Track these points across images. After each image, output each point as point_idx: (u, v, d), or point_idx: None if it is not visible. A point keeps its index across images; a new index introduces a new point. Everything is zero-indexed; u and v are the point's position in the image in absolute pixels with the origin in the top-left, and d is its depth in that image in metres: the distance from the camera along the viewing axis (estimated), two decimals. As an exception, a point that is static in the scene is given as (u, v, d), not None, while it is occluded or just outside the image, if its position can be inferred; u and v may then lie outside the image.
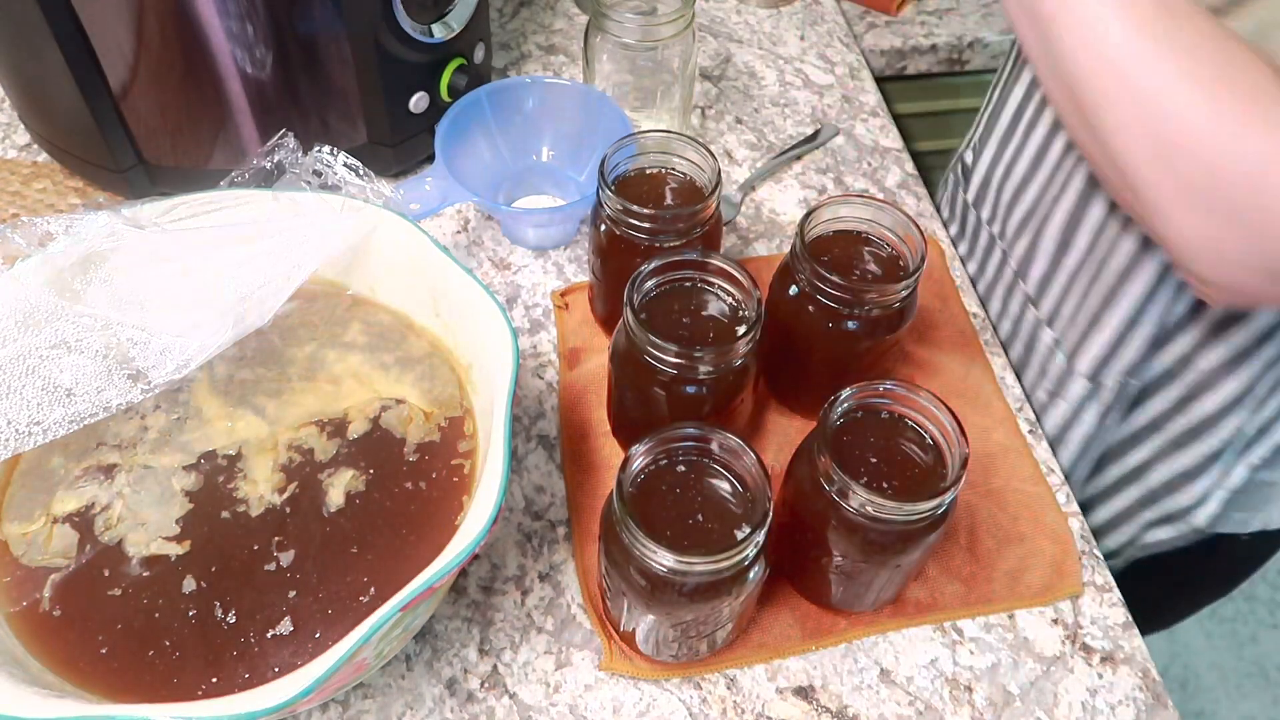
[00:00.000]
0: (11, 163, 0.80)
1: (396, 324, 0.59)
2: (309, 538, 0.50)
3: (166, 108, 0.70)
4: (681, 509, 0.48)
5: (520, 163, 0.79)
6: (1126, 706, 0.56)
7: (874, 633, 0.57)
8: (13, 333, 0.50)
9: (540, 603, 0.58)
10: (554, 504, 0.62)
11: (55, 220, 0.52)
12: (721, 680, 0.56)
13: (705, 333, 0.56)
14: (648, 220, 0.59)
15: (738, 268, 0.56)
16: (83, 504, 0.51)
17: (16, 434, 0.48)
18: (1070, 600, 0.60)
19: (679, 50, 0.77)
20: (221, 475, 0.52)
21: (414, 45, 0.71)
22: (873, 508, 0.47)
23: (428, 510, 0.51)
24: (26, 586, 0.48)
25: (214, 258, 0.54)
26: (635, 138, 0.63)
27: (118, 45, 0.66)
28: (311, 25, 0.67)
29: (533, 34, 0.96)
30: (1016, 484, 0.64)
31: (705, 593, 0.46)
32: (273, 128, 0.70)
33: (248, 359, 0.57)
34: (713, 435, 0.48)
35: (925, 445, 0.51)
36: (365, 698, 0.54)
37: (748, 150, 0.86)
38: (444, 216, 0.79)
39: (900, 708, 0.55)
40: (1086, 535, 0.63)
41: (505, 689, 0.55)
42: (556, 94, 0.77)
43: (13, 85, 0.74)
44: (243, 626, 0.47)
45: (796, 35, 0.99)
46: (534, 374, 0.69)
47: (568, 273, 0.75)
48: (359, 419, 0.55)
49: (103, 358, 0.50)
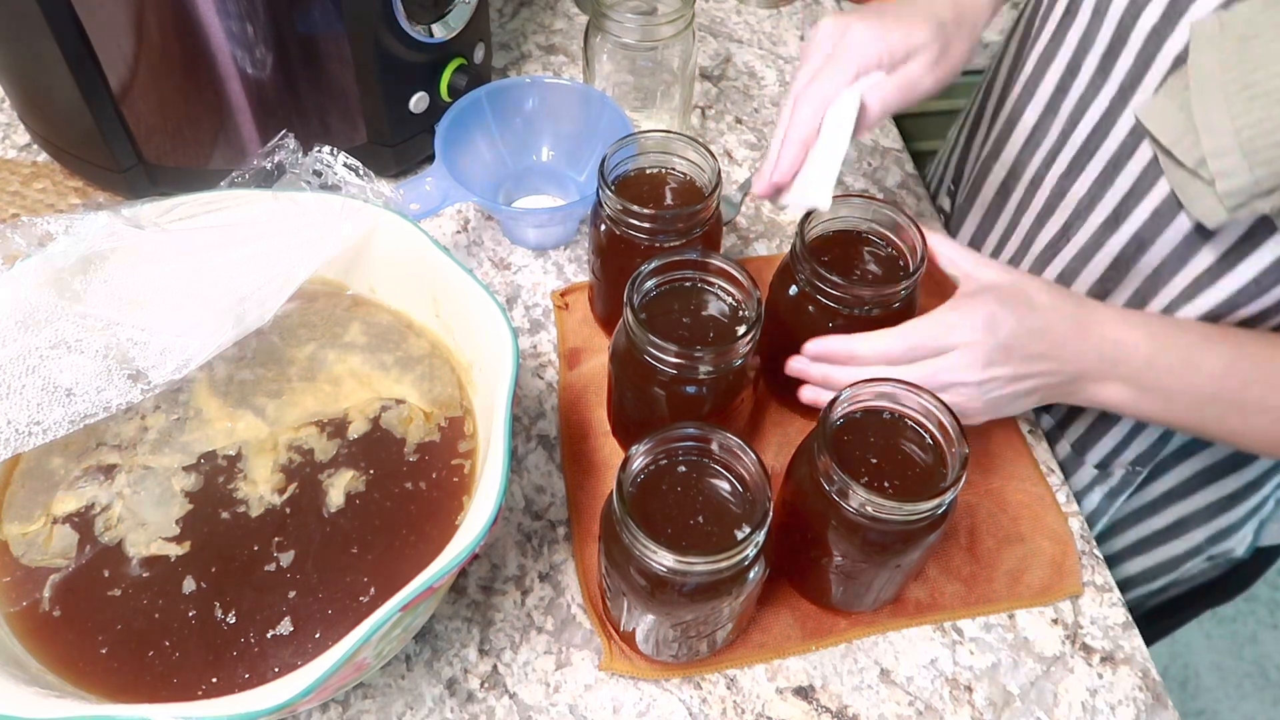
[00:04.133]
0: (11, 163, 0.80)
1: (396, 324, 0.59)
2: (309, 538, 0.50)
3: (166, 108, 0.70)
4: (681, 509, 0.48)
5: (520, 163, 0.79)
6: (1126, 706, 0.56)
7: (874, 633, 0.57)
8: (13, 333, 0.50)
9: (540, 603, 0.58)
10: (554, 504, 0.62)
11: (55, 220, 0.52)
12: (721, 680, 0.56)
13: (705, 333, 0.56)
14: (648, 220, 0.59)
15: (738, 268, 0.56)
16: (83, 504, 0.51)
17: (16, 434, 0.48)
18: (1070, 600, 0.60)
19: (679, 50, 0.77)
20: (221, 476, 0.52)
21: (414, 45, 0.71)
22: (873, 508, 0.47)
23: (428, 510, 0.51)
24: (26, 586, 0.48)
25: (214, 258, 0.54)
26: (635, 138, 0.63)
27: (118, 45, 0.66)
28: (311, 25, 0.67)
29: (533, 34, 0.96)
30: (1016, 484, 0.64)
31: (705, 593, 0.46)
32: (273, 128, 0.70)
33: (248, 359, 0.57)
34: (713, 435, 0.48)
35: (925, 445, 0.51)
36: (365, 698, 0.54)
37: (748, 150, 0.86)
38: (444, 216, 0.79)
39: (900, 708, 0.55)
40: (1086, 535, 0.63)
41: (505, 689, 0.55)
42: (556, 94, 0.77)
43: (13, 85, 0.74)
44: (243, 627, 0.47)
45: (796, 35, 0.99)
46: (534, 374, 0.69)
47: (568, 273, 0.75)
48: (359, 419, 0.55)
49: (103, 358, 0.50)
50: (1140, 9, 0.56)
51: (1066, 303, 0.57)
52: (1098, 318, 0.56)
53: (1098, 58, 0.60)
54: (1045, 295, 0.57)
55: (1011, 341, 0.54)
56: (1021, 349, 0.54)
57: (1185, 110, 0.51)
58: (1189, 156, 0.52)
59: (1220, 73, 0.49)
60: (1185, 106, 0.52)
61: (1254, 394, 0.55)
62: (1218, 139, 0.50)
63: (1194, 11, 0.52)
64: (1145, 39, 0.56)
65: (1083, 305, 0.57)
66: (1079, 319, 0.56)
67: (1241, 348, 0.56)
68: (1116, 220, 0.61)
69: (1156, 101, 0.54)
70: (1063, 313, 0.56)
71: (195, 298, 0.53)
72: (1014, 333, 0.54)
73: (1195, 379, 0.56)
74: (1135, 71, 0.57)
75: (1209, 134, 0.50)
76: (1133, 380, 0.56)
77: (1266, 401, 0.55)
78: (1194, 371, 0.56)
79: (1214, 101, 0.50)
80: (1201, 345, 0.56)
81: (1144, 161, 0.58)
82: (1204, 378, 0.56)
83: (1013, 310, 0.55)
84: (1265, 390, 0.55)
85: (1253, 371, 0.55)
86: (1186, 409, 0.57)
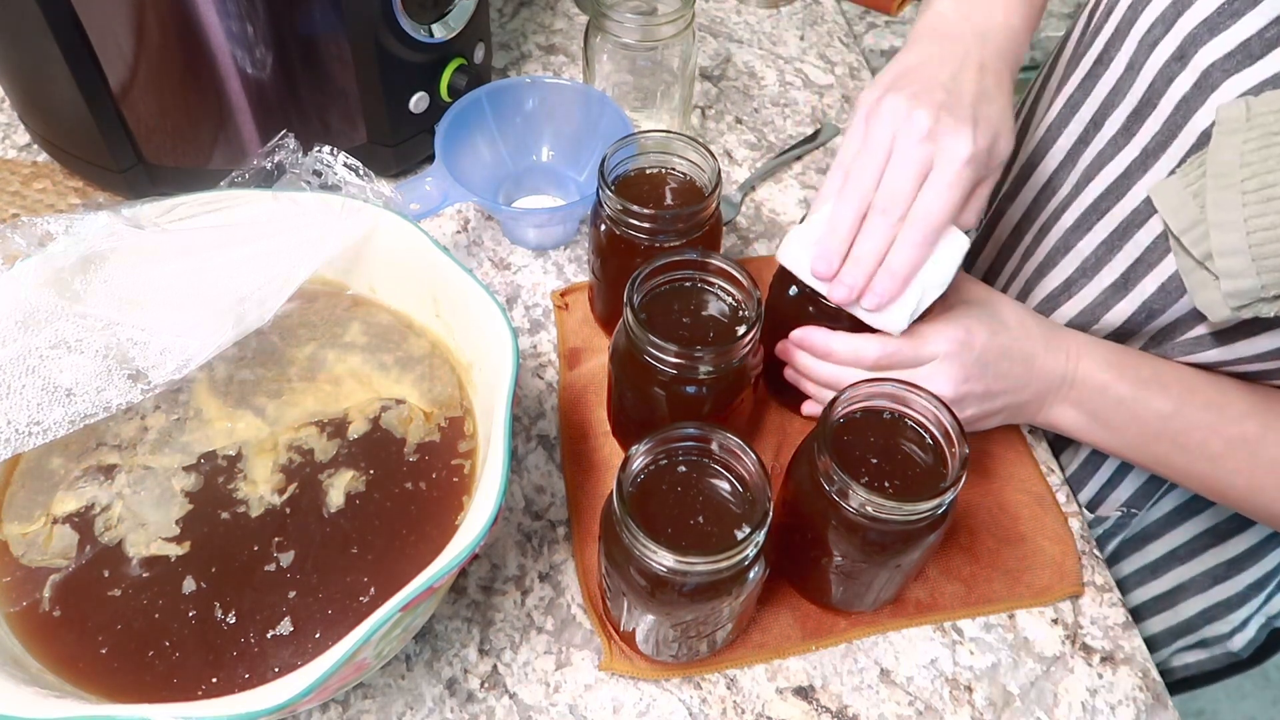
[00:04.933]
0: (11, 163, 0.80)
1: (396, 324, 0.59)
2: (309, 538, 0.50)
3: (166, 108, 0.70)
4: (681, 509, 0.48)
5: (520, 163, 0.79)
6: (1126, 706, 0.56)
7: (874, 633, 0.57)
8: (13, 333, 0.50)
9: (540, 603, 0.58)
10: (554, 504, 0.62)
11: (55, 220, 0.52)
12: (721, 680, 0.55)
13: (705, 333, 0.56)
14: (648, 220, 0.59)
15: (738, 268, 0.56)
16: (83, 504, 0.51)
17: (16, 434, 0.48)
18: (1070, 600, 0.60)
19: (679, 50, 0.77)
20: (221, 476, 0.52)
21: (414, 45, 0.71)
22: (873, 508, 0.47)
23: (428, 510, 0.51)
24: (26, 587, 0.48)
25: (214, 258, 0.54)
26: (635, 138, 0.63)
27: (118, 45, 0.66)
28: (311, 25, 0.67)
29: (533, 34, 0.96)
30: (1016, 484, 0.64)
31: (705, 593, 0.46)
32: (273, 128, 0.70)
33: (248, 359, 0.57)
34: (713, 435, 0.48)
35: (925, 445, 0.51)
36: (365, 698, 0.54)
37: (748, 150, 0.86)
38: (444, 216, 0.79)
39: (900, 708, 0.55)
40: (1086, 535, 0.63)
41: (505, 689, 0.55)
42: (556, 94, 0.77)
43: (13, 85, 0.74)
44: (243, 627, 0.47)
45: (796, 35, 0.99)
46: (534, 374, 0.69)
47: (568, 273, 0.75)
48: (359, 419, 0.55)
49: (103, 358, 0.50)
50: (1173, 76, 0.53)
51: (1035, 323, 0.58)
52: (1061, 342, 0.57)
53: (1124, 117, 0.58)
54: (1013, 315, 0.57)
55: (985, 357, 0.55)
56: (993, 366, 0.55)
57: (1199, 199, 0.49)
58: (1197, 248, 0.50)
59: (1240, 168, 0.47)
60: (1200, 195, 0.49)
61: (1195, 438, 0.55)
62: (1227, 237, 0.48)
63: (1228, 86, 0.50)
64: (1175, 107, 0.53)
65: (1048, 328, 0.58)
66: (1045, 339, 0.57)
67: (1194, 392, 0.56)
68: (1125, 285, 0.59)
69: (1171, 183, 0.52)
70: (1028, 333, 0.57)
71: (195, 298, 0.53)
72: (987, 348, 0.55)
73: (1143, 414, 0.56)
74: (1161, 138, 0.55)
75: (1219, 230, 0.48)
76: (1083, 406, 0.57)
77: (1207, 448, 0.55)
78: (1142, 406, 0.56)
79: (1229, 198, 0.48)
80: (1155, 382, 0.56)
81: (1155, 233, 0.56)
82: (1151, 414, 0.56)
83: (986, 326, 0.55)
84: (1206, 436, 0.55)
85: (1199, 416, 0.55)
86: (1133, 442, 0.57)
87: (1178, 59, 0.52)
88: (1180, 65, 0.52)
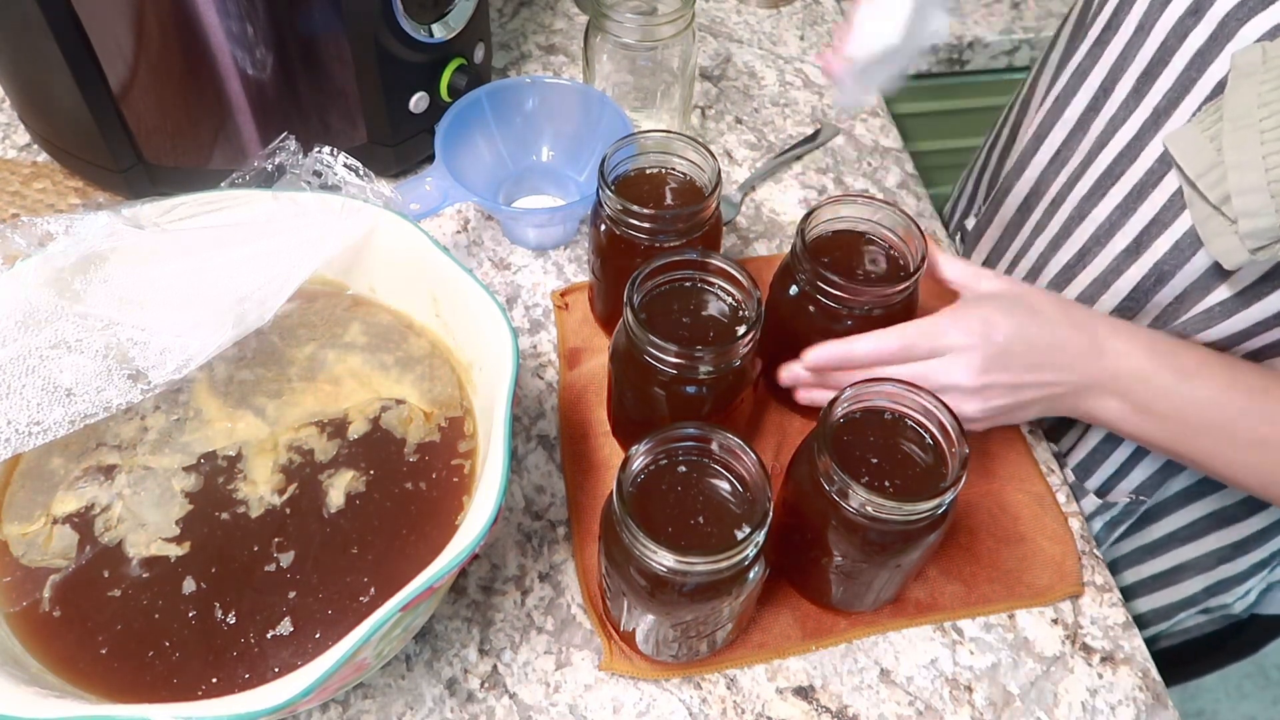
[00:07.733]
0: (11, 163, 0.80)
1: (396, 324, 0.59)
2: (309, 538, 0.50)
3: (166, 108, 0.70)
4: (681, 509, 0.48)
5: (520, 163, 0.79)
6: (1126, 706, 0.56)
7: (874, 633, 0.57)
8: (13, 333, 0.50)
9: (540, 603, 0.58)
10: (554, 504, 0.62)
11: (55, 220, 0.52)
12: (721, 680, 0.55)
13: (705, 333, 0.56)
14: (648, 220, 0.59)
15: (738, 268, 0.56)
16: (83, 504, 0.51)
17: (16, 434, 0.48)
18: (1070, 600, 0.60)
19: (679, 50, 0.77)
20: (221, 476, 0.52)
21: (414, 45, 0.71)
22: (873, 508, 0.47)
23: (428, 510, 0.51)
24: (26, 587, 0.48)
25: (214, 258, 0.54)
26: (635, 138, 0.63)
27: (118, 45, 0.66)
28: (311, 25, 0.67)
29: (533, 34, 0.96)
30: (1016, 484, 0.64)
31: (705, 593, 0.46)
32: (273, 127, 0.70)
33: (248, 359, 0.57)
34: (713, 435, 0.48)
35: (925, 445, 0.51)
36: (365, 698, 0.54)
37: (748, 150, 0.86)
38: (444, 216, 0.79)
39: (900, 708, 0.55)
40: (1086, 535, 0.63)
41: (505, 689, 0.55)
42: (556, 94, 0.77)
43: (13, 85, 0.74)
44: (243, 627, 0.47)
45: (796, 35, 0.99)
46: (534, 374, 0.69)
47: (568, 273, 0.75)
48: (359, 419, 0.55)
49: (103, 358, 0.50)
50: (1188, 30, 0.54)
51: (1072, 312, 0.56)
52: (1102, 330, 0.56)
53: (1134, 79, 0.59)
54: (1049, 304, 0.56)
55: (1010, 347, 0.54)
56: (1021, 357, 0.54)
57: (1216, 142, 0.50)
58: (1214, 191, 0.50)
59: (1257, 109, 0.47)
60: (1216, 139, 0.50)
61: (1244, 425, 0.54)
62: (1245, 177, 0.48)
63: (1243, 34, 0.50)
64: (1189, 61, 0.54)
65: (1088, 315, 0.57)
66: (1085, 328, 0.55)
67: (1237, 378, 0.55)
68: (1138, 249, 0.60)
69: (1187, 130, 0.52)
70: (1069, 321, 0.55)
71: (195, 298, 0.53)
72: (1011, 339, 0.54)
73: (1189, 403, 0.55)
74: (1173, 95, 0.56)
75: (1237, 171, 0.48)
76: (1129, 397, 0.55)
77: (1257, 434, 0.54)
78: (1188, 395, 0.55)
79: (1247, 138, 0.48)
80: (1199, 370, 0.55)
81: (1169, 191, 0.57)
82: (1197, 402, 0.55)
83: (1012, 317, 0.54)
84: (1256, 422, 0.54)
85: (1246, 402, 0.54)
86: (1179, 434, 0.56)
87: (1192, 13, 0.53)
88: (1195, 19, 0.53)
